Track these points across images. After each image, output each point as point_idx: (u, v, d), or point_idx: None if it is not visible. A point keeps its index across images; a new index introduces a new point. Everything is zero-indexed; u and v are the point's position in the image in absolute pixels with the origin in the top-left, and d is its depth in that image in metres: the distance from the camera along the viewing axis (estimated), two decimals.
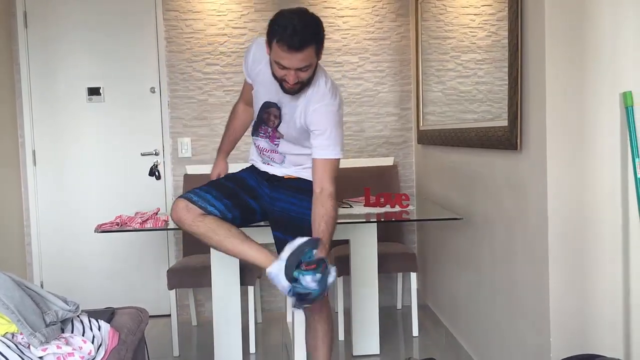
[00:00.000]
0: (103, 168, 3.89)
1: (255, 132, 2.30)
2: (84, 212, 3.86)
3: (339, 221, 2.86)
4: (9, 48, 3.76)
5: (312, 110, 2.08)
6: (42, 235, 3.88)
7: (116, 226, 2.78)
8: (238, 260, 2.82)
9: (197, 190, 2.22)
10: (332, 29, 3.91)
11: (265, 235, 2.45)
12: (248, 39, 3.86)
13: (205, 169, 3.79)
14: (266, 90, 2.18)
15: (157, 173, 3.86)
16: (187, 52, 3.86)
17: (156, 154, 3.90)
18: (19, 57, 3.79)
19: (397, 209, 3.13)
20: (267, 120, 2.23)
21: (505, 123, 2.40)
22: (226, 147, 2.57)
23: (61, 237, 3.88)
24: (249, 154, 2.48)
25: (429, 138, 3.59)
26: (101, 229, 2.76)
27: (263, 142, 2.28)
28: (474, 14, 2.83)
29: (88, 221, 3.58)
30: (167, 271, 3.30)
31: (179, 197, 2.22)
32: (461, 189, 3.10)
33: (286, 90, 2.05)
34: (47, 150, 3.86)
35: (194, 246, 3.61)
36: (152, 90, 3.87)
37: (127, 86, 3.86)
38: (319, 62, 2.09)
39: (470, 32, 2.89)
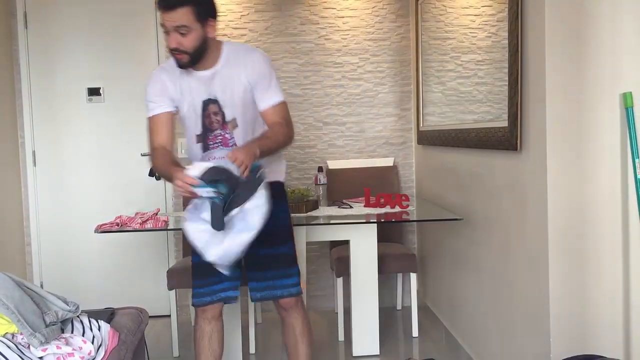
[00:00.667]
0: (103, 168, 3.89)
1: (205, 147, 2.21)
2: (84, 212, 3.86)
3: (339, 221, 2.89)
4: (9, 48, 3.77)
5: (252, 63, 2.15)
6: (42, 236, 3.88)
7: (116, 226, 2.78)
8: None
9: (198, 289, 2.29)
10: (332, 29, 3.92)
11: None
12: (248, 40, 3.86)
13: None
14: (197, 93, 2.17)
15: (157, 174, 3.86)
16: None
17: None
18: (19, 58, 3.80)
19: (397, 209, 3.14)
20: (210, 124, 2.19)
21: (505, 124, 2.41)
22: (175, 166, 2.11)
23: (61, 238, 3.88)
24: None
25: (429, 139, 3.59)
26: (101, 230, 2.76)
27: (217, 152, 2.08)
28: (474, 15, 2.83)
29: (88, 221, 3.58)
30: (167, 271, 3.30)
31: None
32: (461, 189, 3.10)
33: (180, 64, 2.09)
34: (47, 151, 3.86)
35: None
36: None
37: (127, 86, 3.86)
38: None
39: (470, 32, 2.89)
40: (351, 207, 3.22)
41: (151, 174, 3.85)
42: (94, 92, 3.86)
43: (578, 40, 2.08)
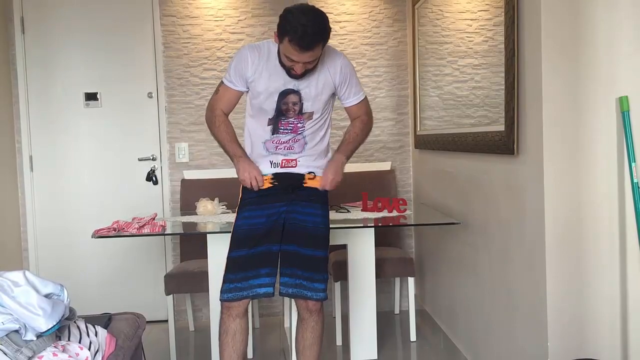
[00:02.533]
0: (100, 173, 3.89)
1: (275, 131, 2.32)
2: (81, 217, 3.85)
3: (337, 226, 2.88)
4: (6, 53, 3.76)
5: (341, 67, 2.31)
6: (39, 241, 3.87)
7: (113, 231, 2.77)
8: None
9: (233, 283, 2.33)
10: None
11: None
12: (245, 44, 3.86)
13: (202, 174, 3.80)
14: (279, 81, 2.25)
15: (154, 178, 3.86)
16: (184, 57, 3.86)
17: (153, 159, 3.90)
18: (16, 63, 3.79)
19: (395, 213, 3.14)
20: (286, 111, 2.29)
21: (502, 128, 2.41)
22: (239, 148, 2.39)
23: (58, 243, 3.87)
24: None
25: (426, 143, 3.59)
26: (98, 234, 2.75)
27: (285, 137, 2.32)
28: (471, 19, 2.84)
29: (85, 226, 3.57)
30: (165, 276, 3.29)
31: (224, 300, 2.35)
32: (458, 193, 3.10)
33: (293, 76, 2.21)
34: (44, 156, 3.86)
35: (191, 251, 3.60)
36: (150, 95, 3.87)
37: (124, 91, 3.86)
38: None
39: (467, 37, 2.89)
40: (349, 211, 3.22)
41: (148, 178, 3.86)
42: (91, 97, 3.85)
43: (574, 45, 2.09)
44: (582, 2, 2.08)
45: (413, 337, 3.40)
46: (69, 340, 1.84)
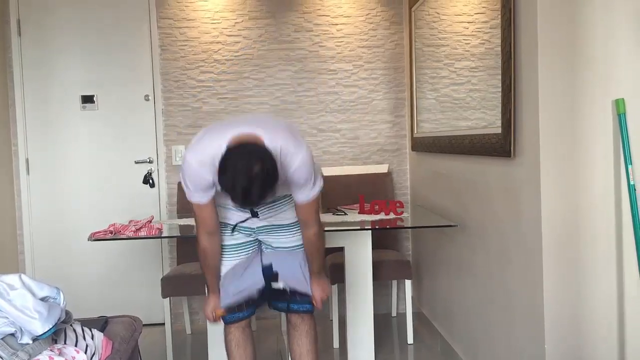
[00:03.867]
0: (97, 176, 3.88)
1: (223, 204, 2.23)
2: (77, 220, 3.84)
3: (334, 228, 2.88)
4: (3, 56, 3.76)
5: (292, 173, 2.04)
6: (36, 244, 3.86)
7: (110, 234, 2.77)
8: None
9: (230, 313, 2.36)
10: (326, 36, 3.93)
11: None
12: (242, 47, 3.87)
13: None
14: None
15: (151, 181, 3.86)
16: (181, 59, 3.86)
17: (150, 162, 3.89)
18: (13, 65, 3.79)
19: (392, 216, 3.13)
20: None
21: (498, 130, 2.41)
22: (214, 282, 2.32)
23: (55, 246, 3.86)
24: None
25: (423, 145, 3.60)
26: (95, 237, 2.74)
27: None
28: (467, 22, 2.84)
29: (82, 229, 3.57)
30: (161, 279, 3.28)
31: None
32: (455, 196, 3.10)
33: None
34: (40, 159, 3.85)
35: (188, 254, 3.60)
36: (146, 98, 3.87)
37: (121, 94, 3.86)
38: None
39: (464, 39, 2.90)
40: (346, 214, 3.22)
41: (145, 181, 3.85)
42: (87, 99, 3.85)
43: (570, 47, 2.09)
44: (579, 4, 2.09)
45: (410, 339, 3.40)
46: (65, 343, 1.83)
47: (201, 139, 2.03)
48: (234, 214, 2.27)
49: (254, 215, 2.26)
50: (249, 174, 1.81)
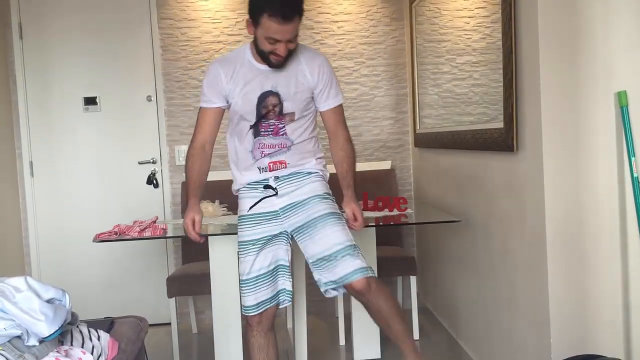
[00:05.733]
0: (100, 177, 3.89)
1: (257, 134, 2.26)
2: (82, 222, 3.85)
3: None
4: (5, 59, 3.77)
5: (317, 66, 2.24)
6: (41, 246, 3.87)
7: (114, 235, 2.77)
8: (237, 267, 2.82)
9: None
10: (327, 34, 3.92)
11: None
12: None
13: None
14: (256, 85, 2.20)
15: (154, 181, 3.87)
16: (182, 60, 3.87)
17: (153, 162, 3.90)
18: (15, 68, 3.80)
19: (396, 212, 3.13)
20: (267, 114, 2.23)
21: (501, 125, 2.41)
22: (196, 191, 2.35)
23: (60, 247, 3.87)
24: (233, 188, 2.42)
25: (426, 141, 3.59)
26: (99, 239, 2.75)
27: (267, 139, 2.26)
28: (468, 17, 2.84)
29: (86, 231, 3.57)
30: (167, 279, 3.29)
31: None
32: (459, 191, 3.10)
33: (273, 65, 2.15)
34: (44, 161, 3.86)
35: (193, 254, 3.61)
36: (149, 98, 3.87)
37: (123, 95, 3.86)
38: None
39: (465, 34, 2.89)
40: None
41: (149, 181, 3.86)
42: (90, 101, 3.86)
43: (572, 40, 2.08)
44: None
45: (416, 335, 3.40)
46: (71, 345, 1.84)
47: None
48: (248, 154, 2.28)
49: (269, 187, 2.27)
50: None
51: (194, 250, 3.61)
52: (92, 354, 1.84)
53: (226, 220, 3.09)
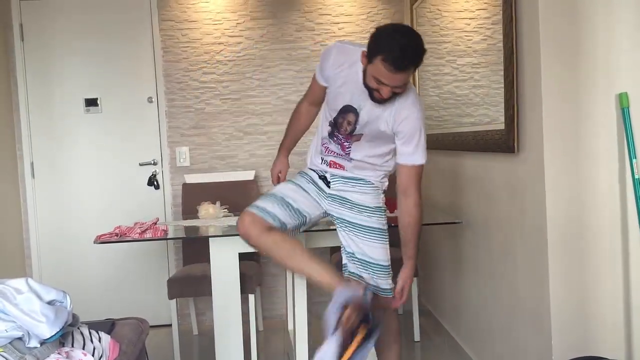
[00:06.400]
0: (101, 179, 3.89)
1: (332, 134, 2.29)
2: (83, 223, 3.86)
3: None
4: (6, 61, 3.77)
5: (404, 118, 2.13)
6: (42, 247, 3.88)
7: (115, 237, 2.77)
8: (238, 268, 2.82)
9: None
10: (328, 35, 3.92)
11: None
12: (244, 47, 3.87)
13: (203, 178, 3.80)
14: (348, 94, 2.17)
15: (155, 183, 3.87)
16: (183, 61, 3.87)
17: (154, 164, 3.90)
18: (16, 70, 3.80)
19: (397, 213, 3.12)
20: (340, 126, 2.24)
21: (502, 126, 2.41)
22: (289, 144, 2.62)
23: (61, 249, 3.88)
24: (306, 160, 2.50)
25: (427, 142, 3.58)
26: (100, 240, 2.75)
27: (334, 146, 2.32)
28: (469, 18, 2.83)
29: (87, 232, 3.58)
30: (168, 281, 3.29)
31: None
32: (460, 192, 3.10)
33: (376, 100, 2.08)
34: (45, 162, 3.86)
35: (194, 255, 3.61)
36: (150, 100, 3.88)
37: (124, 96, 3.87)
38: None
39: (466, 36, 2.89)
40: None
41: (150, 183, 3.86)
42: (91, 102, 3.86)
43: (573, 42, 2.08)
44: None
45: (417, 336, 3.40)
46: (72, 346, 1.84)
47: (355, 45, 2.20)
48: (320, 141, 2.36)
49: (323, 178, 2.36)
50: (410, 31, 2.01)
51: (194, 251, 3.61)
52: (93, 355, 1.84)
53: (227, 221, 3.09)
